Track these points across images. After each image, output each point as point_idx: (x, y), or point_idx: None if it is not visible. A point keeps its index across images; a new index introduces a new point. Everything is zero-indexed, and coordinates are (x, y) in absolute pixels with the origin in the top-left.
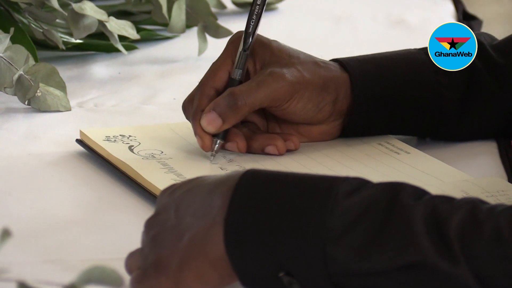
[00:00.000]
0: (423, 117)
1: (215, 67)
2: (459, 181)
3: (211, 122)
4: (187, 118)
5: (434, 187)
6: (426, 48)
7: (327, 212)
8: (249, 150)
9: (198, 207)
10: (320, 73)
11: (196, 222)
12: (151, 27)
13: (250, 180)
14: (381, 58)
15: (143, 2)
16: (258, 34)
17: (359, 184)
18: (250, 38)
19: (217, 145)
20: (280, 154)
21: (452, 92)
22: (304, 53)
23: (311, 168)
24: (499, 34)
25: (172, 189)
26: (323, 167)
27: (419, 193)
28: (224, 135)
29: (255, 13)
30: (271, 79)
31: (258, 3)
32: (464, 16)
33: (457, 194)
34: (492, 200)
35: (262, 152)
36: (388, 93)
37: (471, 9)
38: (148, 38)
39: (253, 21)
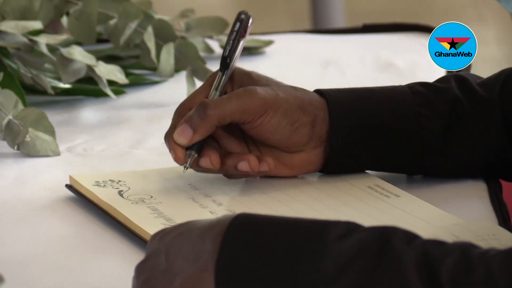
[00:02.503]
0: (404, 149)
1: (194, 93)
2: (450, 225)
3: (182, 133)
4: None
5: (425, 231)
6: (411, 83)
7: (318, 257)
8: (223, 169)
9: (188, 252)
10: (296, 94)
11: (187, 267)
12: (140, 71)
13: (241, 225)
14: (362, 89)
15: (131, 46)
16: (237, 67)
17: (350, 228)
18: (226, 61)
19: (190, 158)
20: (253, 171)
21: (433, 123)
22: (282, 82)
23: (302, 212)
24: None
25: (162, 234)
26: (313, 211)
27: (410, 237)
28: (198, 149)
29: (232, 39)
30: (243, 92)
31: (235, 29)
32: None
33: (448, 238)
34: (483, 244)
35: (236, 170)
36: (366, 121)
37: None
38: (136, 82)
39: (230, 45)
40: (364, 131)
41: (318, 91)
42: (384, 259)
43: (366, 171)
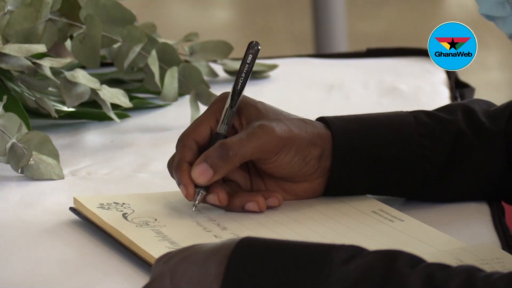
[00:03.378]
0: (405, 178)
1: (198, 121)
2: (454, 249)
3: (202, 173)
4: (171, 173)
5: (429, 255)
6: (416, 111)
7: (323, 281)
8: (230, 208)
9: (193, 275)
10: (307, 128)
11: None
12: (144, 95)
13: (245, 249)
14: (367, 118)
15: (135, 70)
16: (243, 95)
17: (355, 251)
18: (238, 96)
19: (199, 196)
20: (261, 211)
21: (436, 155)
22: (288, 113)
23: (306, 236)
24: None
25: (167, 257)
26: (317, 235)
27: (415, 260)
28: (207, 187)
29: (244, 71)
30: (261, 131)
31: (248, 62)
32: (457, 84)
33: (453, 262)
34: (487, 268)
35: (243, 210)
36: (369, 152)
37: (460, 77)
38: (140, 106)
39: (242, 79)
40: (366, 161)
41: (323, 120)
42: (389, 282)
43: (369, 195)
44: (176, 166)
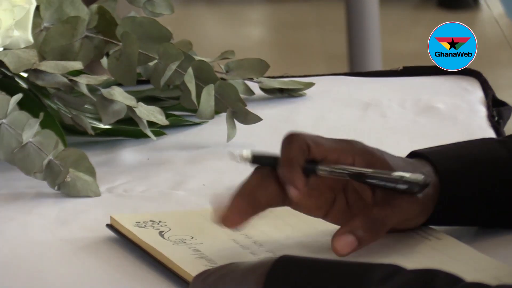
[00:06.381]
0: (508, 215)
1: (317, 137)
2: (492, 269)
3: (347, 245)
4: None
5: (467, 274)
6: (502, 145)
7: None
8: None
9: None
10: (428, 192)
11: None
12: (180, 113)
13: (283, 267)
14: (466, 154)
15: (171, 88)
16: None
17: (393, 270)
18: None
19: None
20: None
21: None
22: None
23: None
24: None
25: (205, 275)
26: (353, 253)
27: (453, 280)
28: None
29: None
30: (401, 200)
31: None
32: (494, 103)
33: (491, 281)
34: None
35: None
36: (473, 193)
37: (497, 95)
38: (176, 124)
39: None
40: (469, 202)
41: (425, 157)
42: None
43: None
44: (285, 164)
